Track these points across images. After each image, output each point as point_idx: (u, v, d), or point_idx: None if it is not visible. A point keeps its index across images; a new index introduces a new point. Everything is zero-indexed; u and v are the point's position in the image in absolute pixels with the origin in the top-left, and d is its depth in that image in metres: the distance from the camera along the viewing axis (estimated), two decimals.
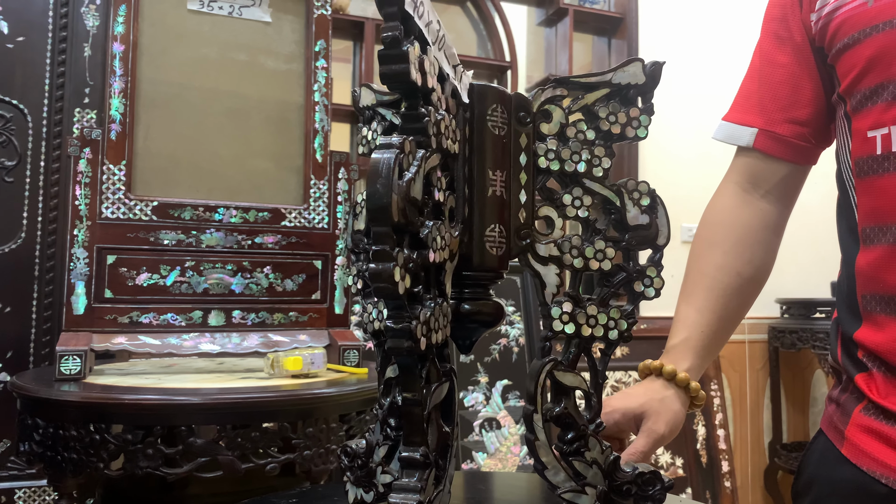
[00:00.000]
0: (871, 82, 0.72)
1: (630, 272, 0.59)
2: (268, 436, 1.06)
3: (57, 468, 1.06)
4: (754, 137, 0.84)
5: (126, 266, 1.29)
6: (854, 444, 0.73)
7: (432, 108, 0.48)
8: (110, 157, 1.30)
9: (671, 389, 0.77)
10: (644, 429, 0.73)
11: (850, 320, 0.76)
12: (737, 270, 0.83)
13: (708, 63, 2.88)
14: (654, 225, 0.59)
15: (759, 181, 0.85)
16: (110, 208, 1.29)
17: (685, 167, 2.84)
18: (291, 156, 1.45)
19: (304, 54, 1.47)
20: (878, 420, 0.71)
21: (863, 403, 0.73)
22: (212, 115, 1.39)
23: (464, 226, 0.53)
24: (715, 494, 2.51)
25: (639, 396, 0.76)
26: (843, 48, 0.74)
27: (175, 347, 1.27)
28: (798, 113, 0.82)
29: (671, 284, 2.72)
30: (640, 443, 0.72)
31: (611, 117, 0.59)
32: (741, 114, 0.87)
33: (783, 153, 0.84)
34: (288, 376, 1.20)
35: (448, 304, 0.51)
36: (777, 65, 0.83)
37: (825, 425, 0.79)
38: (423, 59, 0.47)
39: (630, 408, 0.74)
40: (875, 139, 0.71)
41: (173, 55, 1.38)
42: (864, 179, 0.74)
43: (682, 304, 0.84)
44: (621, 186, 0.59)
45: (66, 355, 1.16)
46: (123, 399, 1.02)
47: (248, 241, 1.37)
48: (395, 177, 0.43)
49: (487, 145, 0.55)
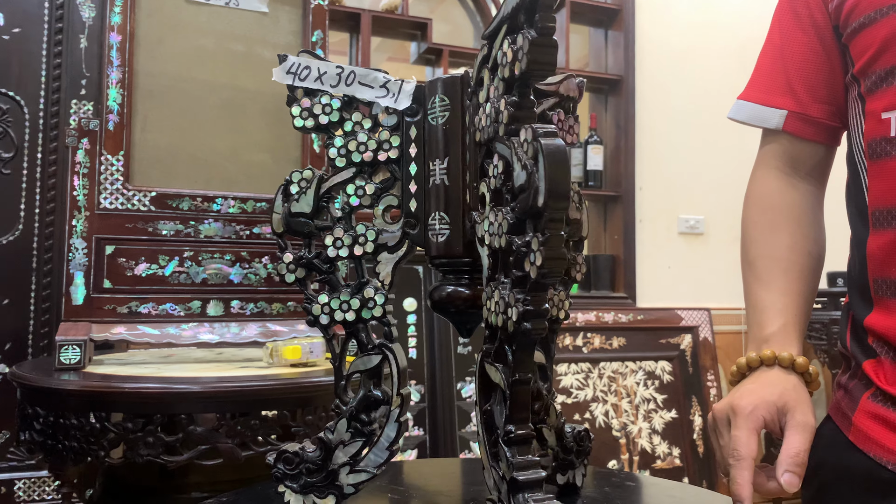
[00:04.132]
0: (886, 63, 0.70)
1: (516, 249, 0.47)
2: (267, 424, 1.06)
3: (58, 457, 1.06)
4: (784, 120, 0.81)
5: (125, 256, 1.29)
6: (861, 430, 0.72)
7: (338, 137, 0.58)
8: (108, 147, 1.30)
9: (793, 376, 0.72)
10: (794, 423, 0.66)
11: (861, 305, 0.75)
12: (807, 250, 0.80)
13: (705, 54, 2.88)
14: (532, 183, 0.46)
15: (797, 164, 0.83)
16: (108, 199, 1.29)
17: (681, 160, 2.84)
18: (288, 147, 1.45)
19: (301, 45, 1.46)
20: (885, 407, 0.70)
21: (871, 390, 0.73)
22: (209, 107, 1.39)
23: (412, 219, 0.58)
24: (711, 484, 2.53)
25: (771, 387, 0.70)
26: (858, 28, 0.73)
27: (174, 337, 1.27)
28: (825, 93, 0.80)
29: (668, 276, 2.73)
30: (797, 440, 0.65)
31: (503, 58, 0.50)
32: (765, 94, 0.83)
33: (815, 135, 0.81)
34: (287, 365, 1.21)
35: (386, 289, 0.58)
36: (799, 42, 0.80)
37: (833, 411, 0.79)
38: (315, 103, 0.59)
39: (771, 400, 0.68)
40: (889, 121, 0.70)
41: (170, 46, 1.38)
42: (876, 162, 0.72)
43: (763, 291, 0.79)
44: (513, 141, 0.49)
45: (66, 345, 1.16)
46: (123, 388, 1.03)
47: (246, 232, 1.37)
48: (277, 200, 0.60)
49: (430, 138, 0.57)
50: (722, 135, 2.75)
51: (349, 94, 0.59)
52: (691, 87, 2.85)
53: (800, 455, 0.64)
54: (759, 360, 0.73)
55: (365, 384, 0.57)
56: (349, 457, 0.56)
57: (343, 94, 0.59)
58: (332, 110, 0.59)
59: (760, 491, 0.64)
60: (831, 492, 0.75)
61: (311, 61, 0.59)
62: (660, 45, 2.84)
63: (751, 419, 0.66)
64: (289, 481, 0.57)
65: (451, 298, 0.56)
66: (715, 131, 2.78)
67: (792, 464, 0.63)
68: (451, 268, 0.57)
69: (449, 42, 2.60)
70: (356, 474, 0.56)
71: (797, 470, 0.63)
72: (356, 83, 0.59)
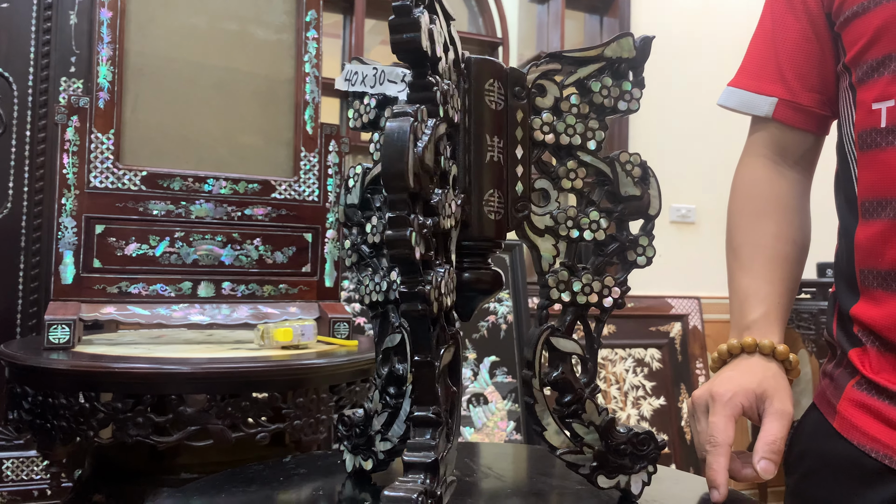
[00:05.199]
0: (878, 53, 0.70)
1: (623, 241, 0.60)
2: (258, 405, 1.06)
3: (46, 436, 1.06)
4: (773, 107, 0.81)
5: (115, 236, 1.28)
6: (845, 418, 0.73)
7: (439, 78, 0.50)
8: (98, 125, 1.28)
9: (773, 363, 0.72)
10: (773, 411, 0.67)
11: (847, 294, 0.75)
12: (792, 239, 0.80)
13: (699, 42, 2.88)
14: (646, 195, 0.60)
15: (786, 152, 0.83)
16: (98, 177, 1.28)
17: (674, 149, 2.84)
18: (281, 128, 1.44)
19: (295, 24, 1.45)
20: (869, 395, 0.71)
21: (855, 378, 0.73)
22: (201, 87, 1.38)
23: (465, 194, 0.55)
24: (698, 470, 2.55)
25: (750, 374, 0.70)
26: (851, 16, 0.72)
27: (164, 318, 1.27)
28: (816, 81, 0.79)
29: (659, 264, 2.74)
30: (774, 428, 0.66)
31: (603, 91, 0.60)
32: (756, 81, 0.83)
33: (805, 123, 0.81)
34: (278, 347, 1.20)
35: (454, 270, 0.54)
36: (791, 29, 0.80)
37: (818, 399, 0.79)
38: (433, 28, 0.48)
39: (750, 387, 0.69)
40: (880, 111, 0.70)
41: (162, 23, 1.36)
42: (866, 152, 0.72)
43: (746, 278, 0.79)
44: (614, 159, 0.60)
45: (55, 324, 1.15)
46: (113, 367, 1.02)
47: (237, 213, 1.36)
48: (410, 144, 0.44)
49: (486, 116, 0.56)
50: (715, 124, 2.75)
51: (381, 91, 0.62)
52: (685, 76, 2.84)
53: (776, 443, 0.64)
54: (739, 347, 0.74)
55: (391, 360, 0.59)
56: (381, 426, 0.59)
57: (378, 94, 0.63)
58: (370, 109, 0.63)
59: (736, 477, 0.65)
60: (815, 479, 0.75)
61: (359, 66, 0.63)
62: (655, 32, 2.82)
63: (729, 406, 0.67)
64: (346, 441, 0.62)
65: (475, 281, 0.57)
66: (708, 120, 2.78)
67: (768, 451, 0.64)
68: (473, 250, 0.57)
69: None
70: (384, 442, 0.59)
71: (773, 457, 0.64)
72: (386, 81, 0.61)
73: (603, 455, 0.57)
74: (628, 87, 0.61)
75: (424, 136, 0.46)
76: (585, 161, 0.60)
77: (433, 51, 0.47)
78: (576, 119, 0.59)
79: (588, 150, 0.60)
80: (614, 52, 0.60)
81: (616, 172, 0.60)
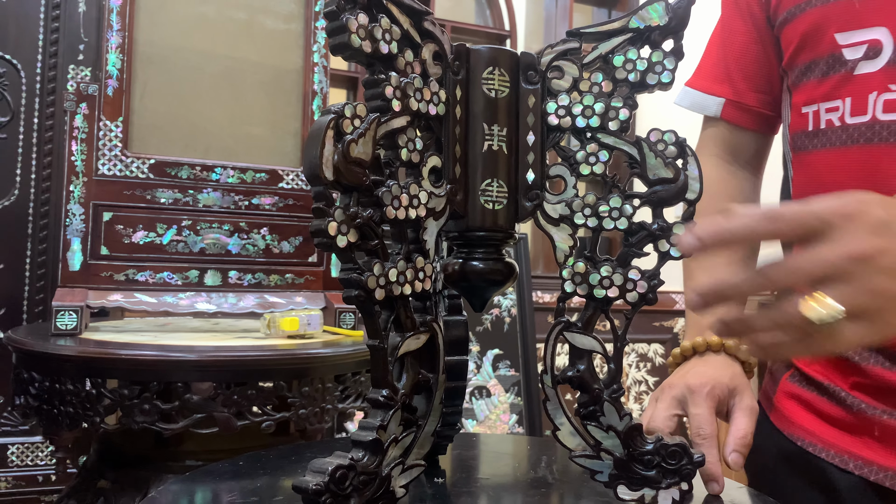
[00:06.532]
0: (805, 58, 0.71)
1: (651, 230, 0.54)
2: (263, 394, 1.07)
3: (53, 422, 1.07)
4: (721, 107, 0.83)
5: (122, 223, 1.28)
6: (780, 410, 0.76)
7: (394, 74, 0.48)
8: (107, 113, 1.29)
9: (737, 364, 0.72)
10: (742, 406, 0.68)
11: None
12: None
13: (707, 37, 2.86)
14: (682, 177, 0.53)
15: (736, 152, 0.85)
16: (107, 165, 1.28)
17: None
18: (289, 118, 1.44)
19: (304, 14, 1.45)
20: (801, 387, 0.74)
21: (790, 371, 0.76)
22: (209, 76, 1.38)
23: (455, 185, 0.52)
24: None
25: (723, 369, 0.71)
26: (783, 21, 0.74)
27: (171, 306, 1.27)
28: (762, 82, 0.81)
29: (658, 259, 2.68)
30: (744, 423, 0.67)
31: (627, 65, 0.54)
32: (707, 81, 0.85)
33: (752, 123, 0.83)
34: (284, 336, 1.21)
35: (431, 259, 0.51)
36: (738, 32, 0.82)
37: (761, 395, 0.81)
38: (374, 26, 0.47)
39: (724, 382, 0.69)
40: (808, 115, 0.72)
41: (171, 11, 1.36)
42: (798, 154, 0.74)
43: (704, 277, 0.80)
44: (642, 139, 0.54)
45: (62, 310, 1.16)
46: (120, 354, 1.03)
47: (245, 202, 1.36)
48: (328, 140, 0.44)
49: (482, 104, 0.53)
50: None
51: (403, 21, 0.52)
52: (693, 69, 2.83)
53: (747, 437, 0.66)
54: (705, 344, 0.74)
55: (414, 367, 0.52)
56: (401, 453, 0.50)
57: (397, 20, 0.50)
58: (392, 39, 0.48)
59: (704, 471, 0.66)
60: (767, 474, 0.77)
61: None
62: None
63: (709, 398, 0.67)
64: None
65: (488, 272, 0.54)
66: None
67: (740, 444, 0.65)
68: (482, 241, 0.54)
69: (451, 17, 2.57)
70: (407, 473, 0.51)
71: (743, 451, 0.65)
72: None
73: (624, 463, 0.53)
74: (658, 58, 0.54)
75: (357, 130, 0.46)
76: (607, 143, 0.54)
77: (376, 49, 0.47)
78: (595, 99, 0.54)
79: (609, 131, 0.54)
80: (643, 21, 0.54)
81: (644, 154, 0.54)
